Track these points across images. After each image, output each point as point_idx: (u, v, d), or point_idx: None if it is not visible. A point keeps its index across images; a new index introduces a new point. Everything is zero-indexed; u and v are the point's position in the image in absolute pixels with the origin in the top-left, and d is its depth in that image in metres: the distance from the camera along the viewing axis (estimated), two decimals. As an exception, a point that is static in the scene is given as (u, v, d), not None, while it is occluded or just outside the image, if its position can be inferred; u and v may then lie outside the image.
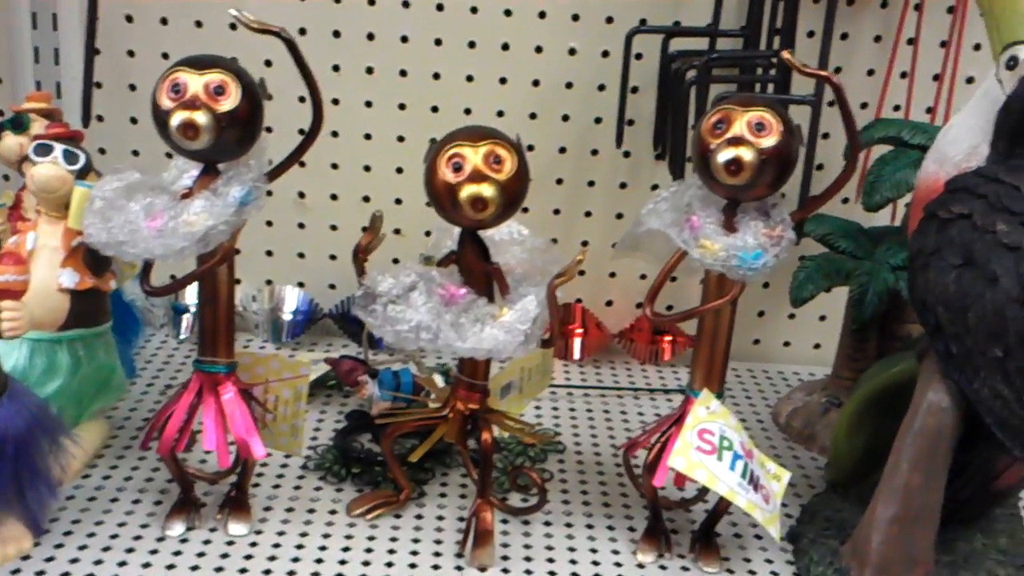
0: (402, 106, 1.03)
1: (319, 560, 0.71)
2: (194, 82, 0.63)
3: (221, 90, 0.63)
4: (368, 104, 1.03)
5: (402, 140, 1.04)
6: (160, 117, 0.63)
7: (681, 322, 1.06)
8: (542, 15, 1.00)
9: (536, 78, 1.02)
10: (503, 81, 1.02)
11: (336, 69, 1.01)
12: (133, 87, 1.02)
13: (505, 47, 1.01)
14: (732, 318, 0.71)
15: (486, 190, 0.64)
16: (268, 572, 0.70)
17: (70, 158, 0.76)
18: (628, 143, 1.02)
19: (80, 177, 0.76)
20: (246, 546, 0.72)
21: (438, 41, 1.01)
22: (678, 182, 0.70)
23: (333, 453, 0.85)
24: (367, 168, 1.05)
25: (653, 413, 0.99)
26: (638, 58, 0.99)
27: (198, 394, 0.71)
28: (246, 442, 0.70)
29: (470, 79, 1.02)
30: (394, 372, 0.91)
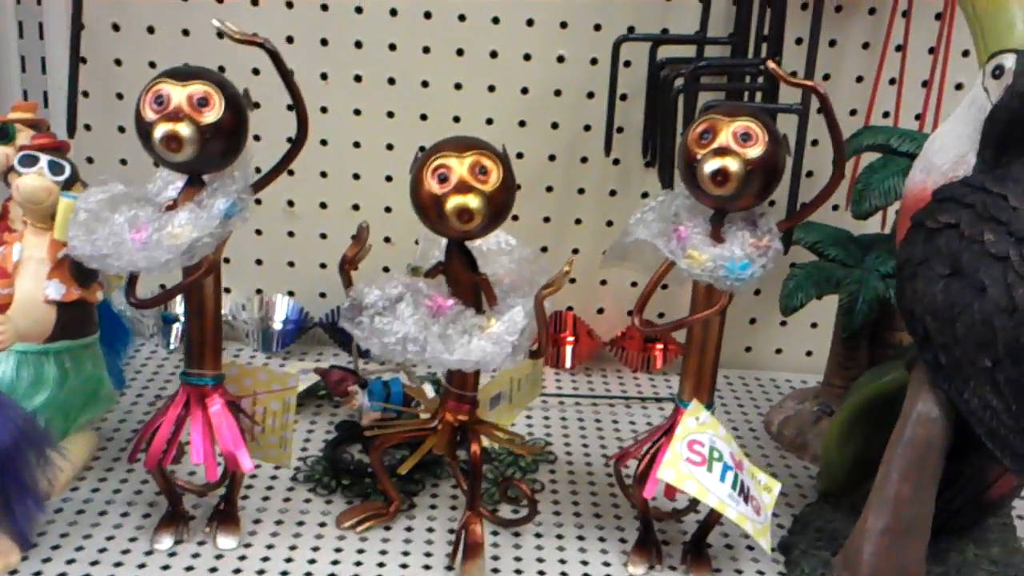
0: (391, 114, 1.03)
1: (308, 574, 0.71)
2: (177, 94, 0.62)
3: (204, 102, 0.62)
4: (357, 112, 1.03)
5: (391, 148, 1.04)
6: (143, 129, 0.63)
7: (670, 332, 1.06)
8: (530, 23, 0.99)
9: (525, 86, 1.02)
10: (492, 89, 1.02)
11: (324, 77, 1.01)
12: (120, 96, 1.02)
13: (493, 55, 1.00)
14: (721, 328, 0.71)
15: (472, 201, 0.63)
16: (256, 586, 0.69)
17: (56, 169, 0.76)
18: (617, 150, 1.02)
19: (66, 188, 0.76)
20: (235, 559, 0.72)
21: (426, 49, 1.00)
22: (665, 192, 0.70)
23: (323, 464, 0.84)
24: (356, 176, 1.05)
25: (645, 422, 0.99)
26: (627, 65, 0.98)
27: (185, 406, 0.71)
28: (233, 455, 0.70)
29: (459, 87, 1.02)
30: (384, 382, 0.90)
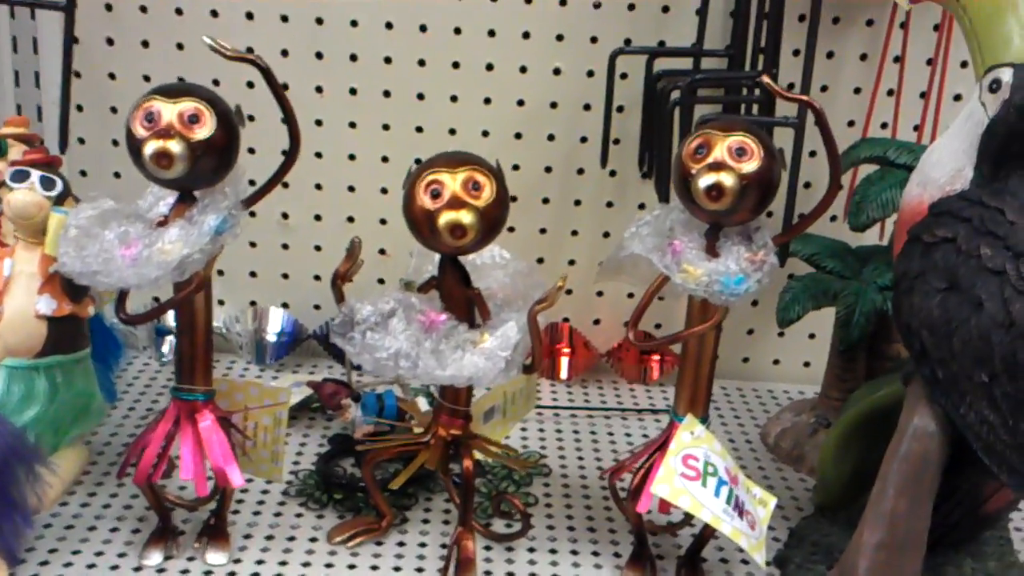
0: (386, 126, 1.02)
1: (299, 590, 0.71)
2: (168, 111, 0.62)
3: (195, 118, 0.62)
4: (352, 125, 1.02)
5: (386, 160, 1.03)
6: (134, 146, 0.62)
7: (665, 346, 1.06)
8: (526, 35, 0.99)
9: (521, 98, 1.01)
10: (487, 101, 1.01)
11: (319, 90, 1.01)
12: (114, 110, 1.02)
13: (489, 67, 1.00)
14: (716, 342, 0.70)
15: (465, 217, 0.63)
16: (247, 603, 0.69)
17: (47, 184, 0.76)
18: (614, 162, 1.02)
19: (58, 203, 0.76)
20: (224, 575, 0.71)
21: (421, 62, 1.00)
22: (660, 206, 0.70)
23: (315, 479, 0.84)
24: (351, 188, 1.05)
25: (641, 434, 0.98)
26: (623, 78, 0.98)
27: (176, 422, 0.71)
28: (224, 471, 0.70)
29: (454, 99, 1.01)
30: (378, 395, 0.90)
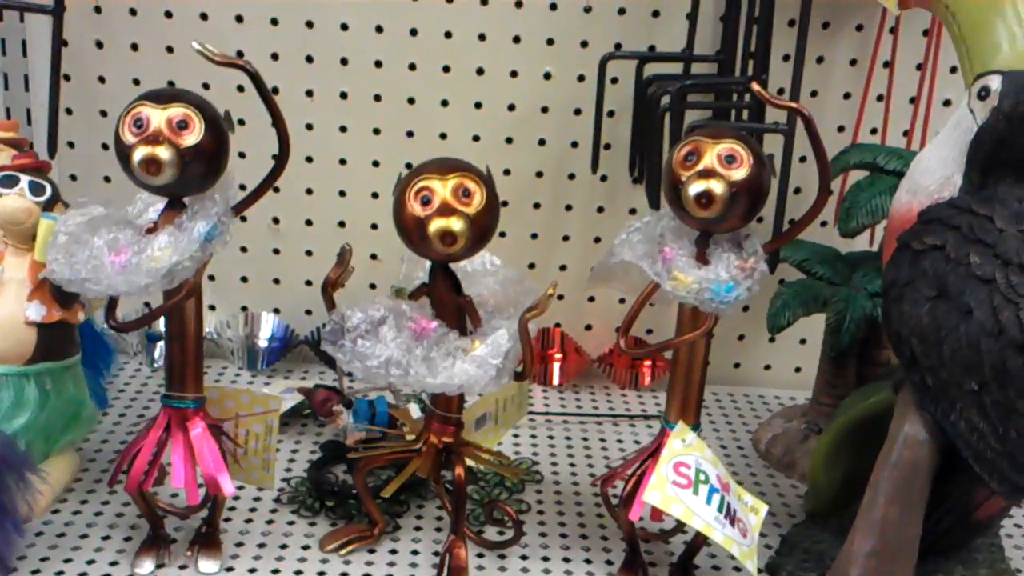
0: (377, 131, 1.02)
1: (290, 598, 0.70)
2: (156, 116, 0.62)
3: (184, 124, 0.62)
4: (342, 129, 1.02)
5: (377, 165, 1.03)
6: (123, 152, 0.62)
7: (655, 354, 1.06)
8: (516, 40, 0.99)
9: (511, 102, 1.01)
10: (478, 106, 1.01)
11: (309, 95, 1.01)
12: (104, 113, 1.02)
13: (480, 72, 1.00)
14: (707, 349, 0.70)
15: (455, 224, 0.63)
16: (237, 612, 0.69)
17: (36, 189, 0.75)
18: (605, 167, 1.02)
19: (47, 209, 0.76)
20: (216, 584, 0.71)
21: (412, 66, 1.00)
22: (651, 212, 0.70)
23: (307, 486, 0.83)
24: (342, 193, 1.05)
25: (633, 440, 0.98)
26: (614, 82, 0.98)
27: (166, 429, 0.70)
28: (215, 479, 0.69)
29: (445, 104, 1.01)
30: (369, 401, 0.90)
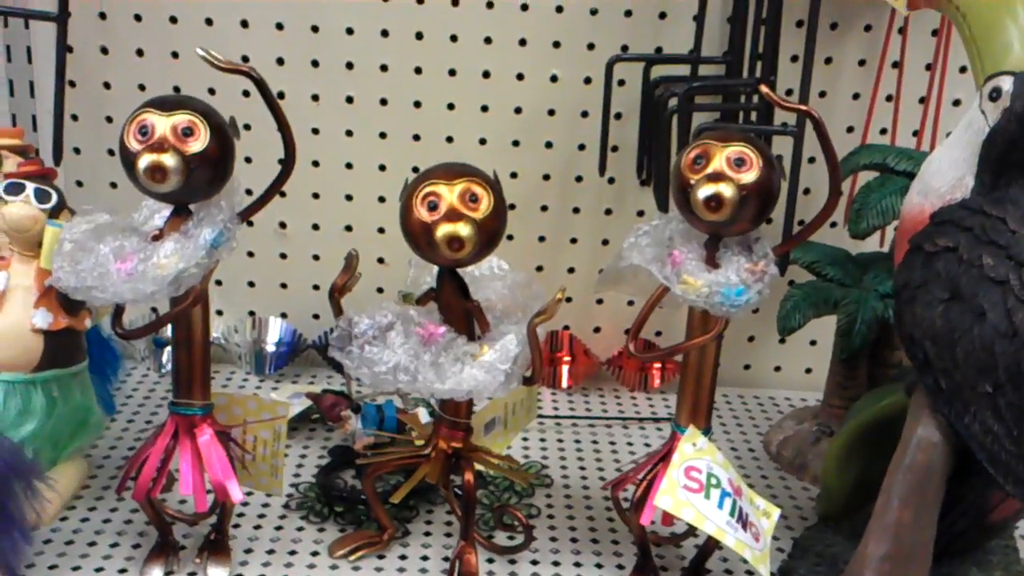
0: (383, 135, 1.02)
1: (299, 606, 0.70)
2: (161, 124, 0.62)
3: (189, 131, 0.62)
4: (349, 133, 1.02)
5: (383, 169, 1.03)
6: (128, 159, 0.62)
7: (665, 358, 1.05)
8: (523, 43, 0.99)
9: (518, 105, 1.01)
10: (485, 109, 1.01)
11: (315, 99, 1.00)
12: (110, 119, 1.01)
13: (486, 75, 1.00)
14: (718, 353, 0.70)
15: (462, 229, 0.63)
16: (247, 619, 0.68)
17: (42, 197, 0.75)
18: (612, 169, 1.01)
19: (53, 216, 0.75)
20: (225, 591, 0.71)
21: (418, 69, 1.00)
22: (659, 215, 0.69)
23: (315, 491, 0.83)
24: (349, 197, 1.04)
25: (643, 442, 0.98)
26: (621, 84, 0.98)
27: (174, 436, 0.70)
28: (223, 485, 0.69)
29: (451, 107, 1.01)
30: (378, 406, 0.89)
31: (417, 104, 1.01)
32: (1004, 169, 0.60)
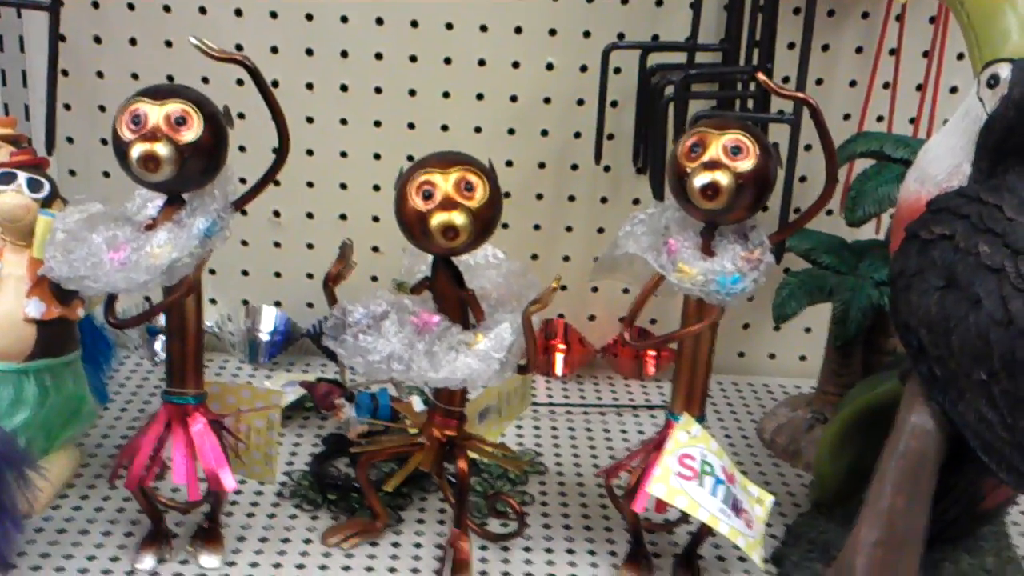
0: (378, 123, 1.01)
1: (293, 594, 0.70)
2: (154, 113, 0.61)
3: (182, 120, 0.61)
4: (343, 122, 1.01)
5: (378, 158, 1.03)
6: (120, 149, 0.61)
7: (660, 346, 1.05)
8: (518, 30, 0.98)
9: (514, 93, 1.01)
10: (480, 97, 1.00)
11: (310, 87, 1.00)
12: (103, 108, 1.01)
13: (481, 63, 0.99)
14: (713, 341, 0.70)
15: (457, 218, 0.62)
16: (241, 608, 0.68)
17: (34, 186, 0.75)
18: (608, 157, 1.01)
19: (45, 205, 0.75)
20: (218, 579, 0.71)
21: (413, 58, 0.99)
22: (655, 203, 0.69)
23: (309, 479, 0.83)
24: (343, 186, 1.04)
25: (637, 430, 0.98)
26: (617, 72, 0.97)
27: (167, 425, 0.70)
28: (216, 474, 0.69)
29: (446, 95, 1.00)
30: (372, 394, 0.89)
31: (412, 92, 1.00)
32: (1001, 157, 0.60)
